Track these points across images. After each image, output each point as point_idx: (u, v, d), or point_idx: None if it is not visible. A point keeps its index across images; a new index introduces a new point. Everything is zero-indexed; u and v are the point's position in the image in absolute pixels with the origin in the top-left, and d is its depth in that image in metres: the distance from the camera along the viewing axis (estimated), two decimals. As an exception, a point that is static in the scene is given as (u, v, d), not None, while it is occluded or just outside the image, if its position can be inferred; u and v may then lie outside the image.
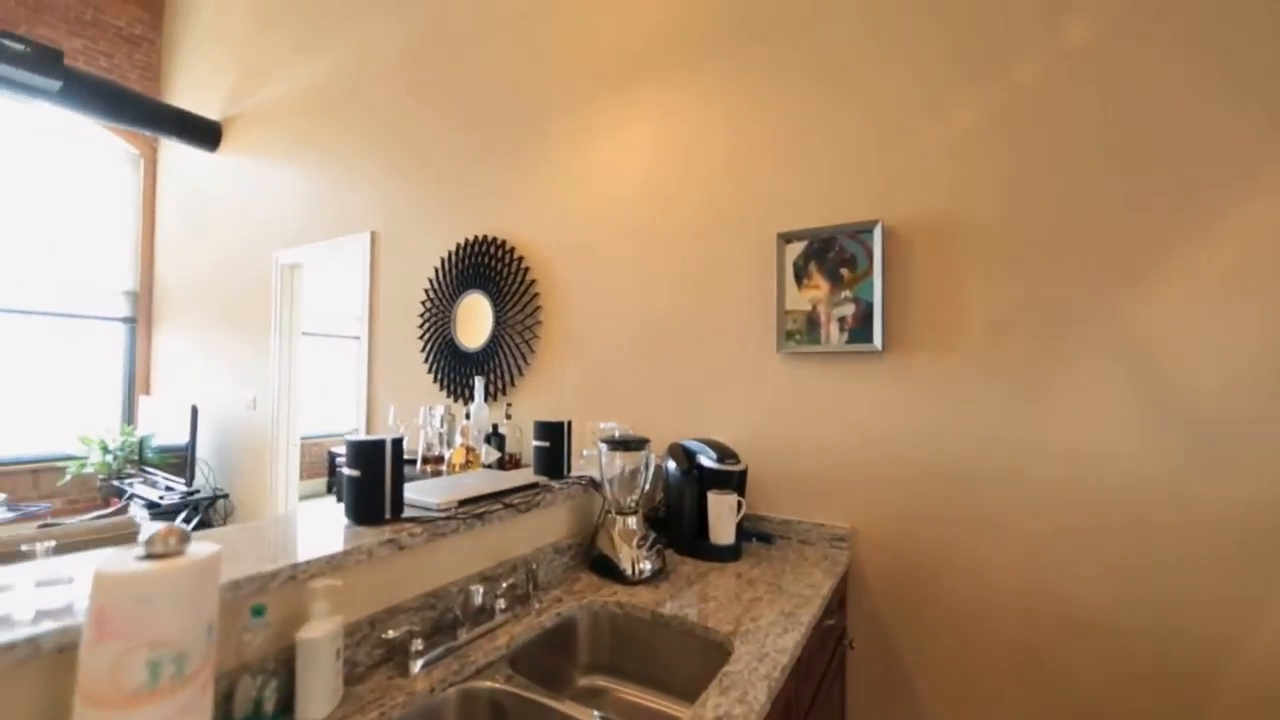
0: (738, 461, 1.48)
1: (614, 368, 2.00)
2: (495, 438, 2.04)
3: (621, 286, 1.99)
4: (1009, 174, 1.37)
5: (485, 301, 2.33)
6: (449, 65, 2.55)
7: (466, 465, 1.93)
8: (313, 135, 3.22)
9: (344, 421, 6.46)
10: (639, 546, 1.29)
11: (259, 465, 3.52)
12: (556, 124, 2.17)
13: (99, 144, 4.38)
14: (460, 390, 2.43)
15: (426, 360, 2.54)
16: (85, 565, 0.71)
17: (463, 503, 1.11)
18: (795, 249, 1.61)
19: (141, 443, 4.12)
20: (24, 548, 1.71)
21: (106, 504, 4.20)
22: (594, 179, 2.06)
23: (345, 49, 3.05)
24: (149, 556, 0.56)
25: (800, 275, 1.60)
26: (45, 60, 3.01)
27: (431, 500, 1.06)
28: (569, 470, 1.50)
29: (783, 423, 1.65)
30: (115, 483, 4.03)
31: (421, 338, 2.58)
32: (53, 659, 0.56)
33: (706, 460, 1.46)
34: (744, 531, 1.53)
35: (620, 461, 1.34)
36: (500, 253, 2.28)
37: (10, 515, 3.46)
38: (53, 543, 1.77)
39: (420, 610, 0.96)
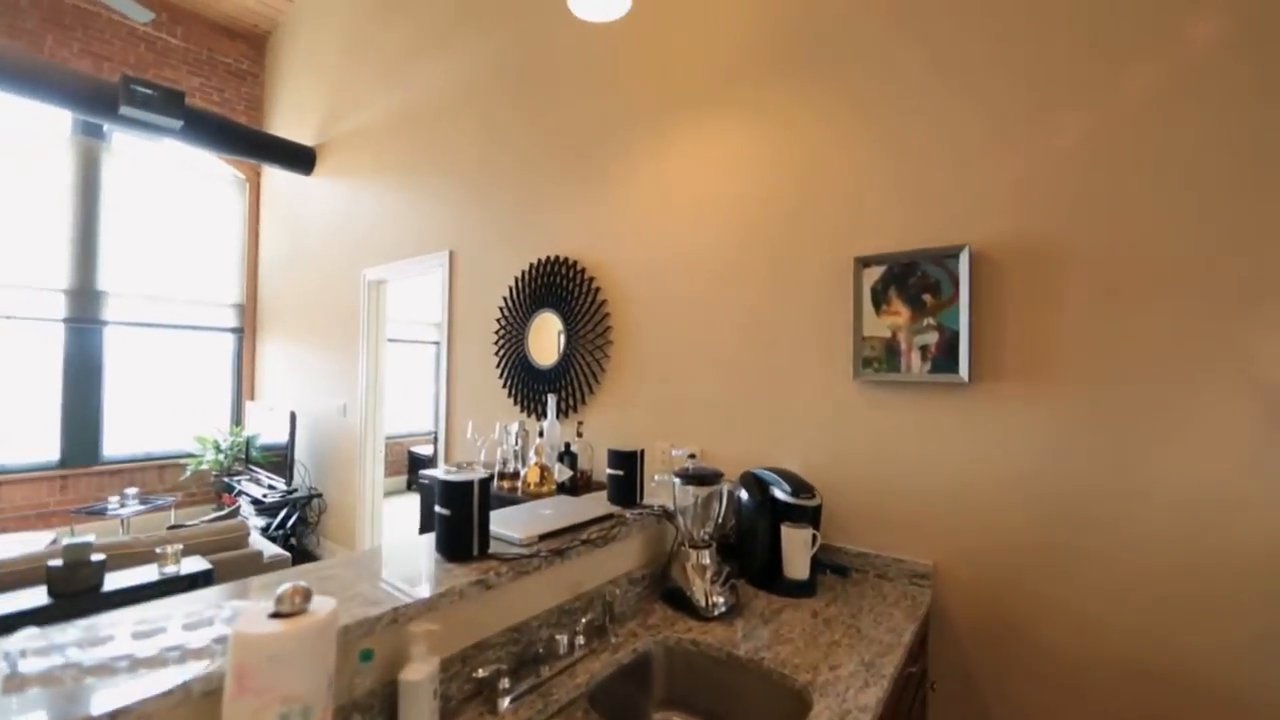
0: (812, 496, 1.44)
1: (684, 388, 2.00)
2: (567, 456, 2.09)
3: (692, 307, 1.98)
4: (1117, 195, 1.25)
5: (557, 320, 2.40)
6: (523, 92, 2.64)
7: (541, 483, 2.00)
8: (396, 159, 3.42)
9: (421, 421, 6.82)
10: (713, 581, 1.29)
11: (349, 466, 3.79)
12: (630, 148, 2.19)
13: (211, 171, 4.86)
14: (533, 405, 2.51)
15: (501, 375, 2.65)
16: (223, 606, 0.79)
17: (543, 536, 1.15)
18: (873, 273, 1.54)
19: (248, 442, 4.55)
20: (159, 550, 1.93)
21: (219, 499, 4.66)
22: (666, 201, 2.07)
23: (425, 79, 3.21)
24: (277, 615, 0.61)
25: (879, 300, 1.53)
26: (171, 102, 3.37)
27: (515, 535, 1.11)
28: (641, 497, 1.51)
29: (859, 451, 1.59)
30: (226, 479, 4.47)
31: (497, 353, 2.68)
32: (199, 703, 0.63)
33: (780, 493, 1.43)
34: (818, 563, 1.49)
35: (693, 494, 1.34)
36: (572, 273, 2.33)
37: (142, 507, 3.91)
38: (180, 545, 1.98)
39: (505, 645, 1.00)
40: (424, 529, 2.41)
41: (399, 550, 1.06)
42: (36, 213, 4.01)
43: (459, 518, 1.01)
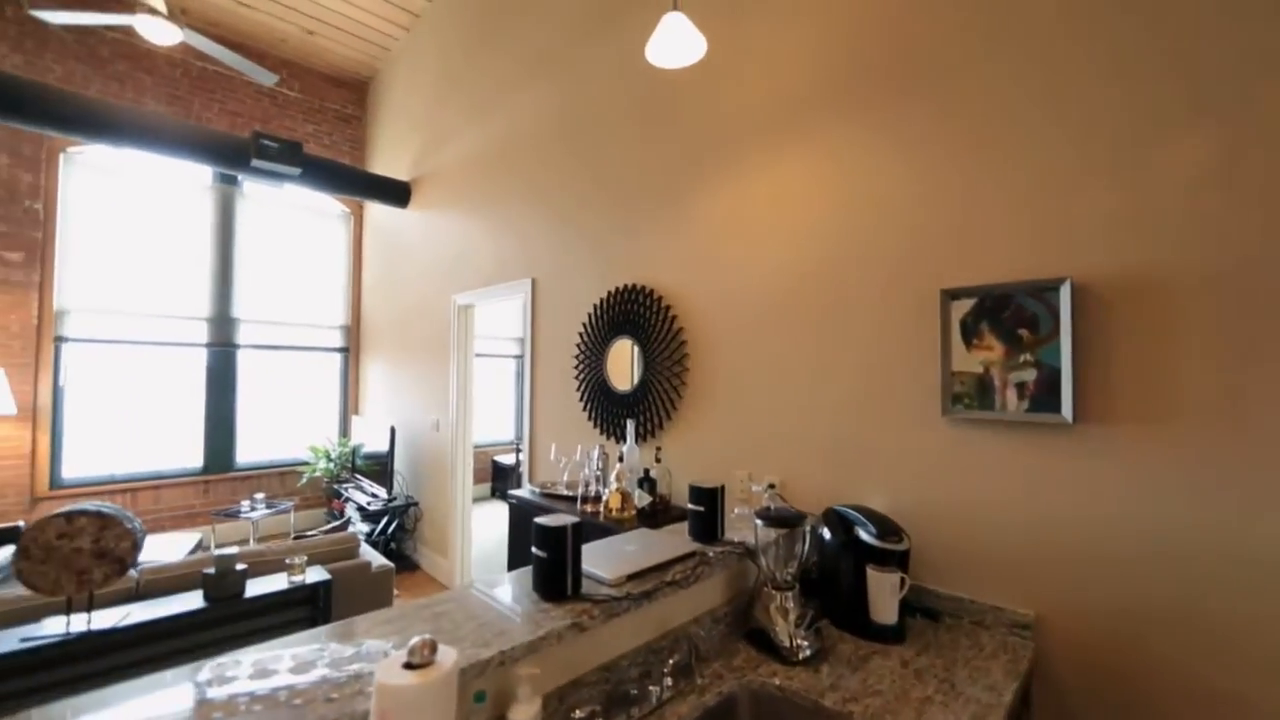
0: (900, 539, 1.40)
1: (762, 417, 1.99)
2: (647, 482, 2.15)
3: (770, 336, 1.98)
4: (1239, 224, 1.13)
5: (635, 347, 2.47)
6: (601, 124, 2.74)
7: (622, 509, 2.07)
8: (482, 192, 3.66)
9: (502, 431, 7.17)
10: (797, 624, 1.29)
11: (441, 476, 4.06)
12: (705, 177, 2.23)
13: (321, 207, 5.39)
14: (611, 428, 2.59)
15: (581, 399, 2.75)
16: (362, 643, 0.91)
17: (630, 576, 1.20)
18: (962, 306, 1.48)
19: (354, 452, 4.99)
20: (288, 561, 2.16)
21: (329, 504, 5.15)
22: (742, 230, 2.08)
23: (506, 116, 3.41)
24: (409, 666, 0.70)
25: (969, 335, 1.47)
26: (291, 152, 3.79)
27: (604, 574, 1.17)
28: (722, 532, 1.53)
29: (949, 490, 1.53)
30: (335, 486, 4.93)
31: (576, 377, 2.79)
32: (349, 735, 0.73)
33: (866, 535, 1.40)
34: (907, 605, 1.45)
35: (775, 535, 1.34)
36: (649, 301, 2.39)
37: (268, 511, 4.39)
38: (305, 558, 2.21)
39: (597, 684, 1.06)
40: (512, 546, 2.55)
41: (500, 587, 1.15)
42: (185, 252, 4.64)
43: (554, 560, 1.08)
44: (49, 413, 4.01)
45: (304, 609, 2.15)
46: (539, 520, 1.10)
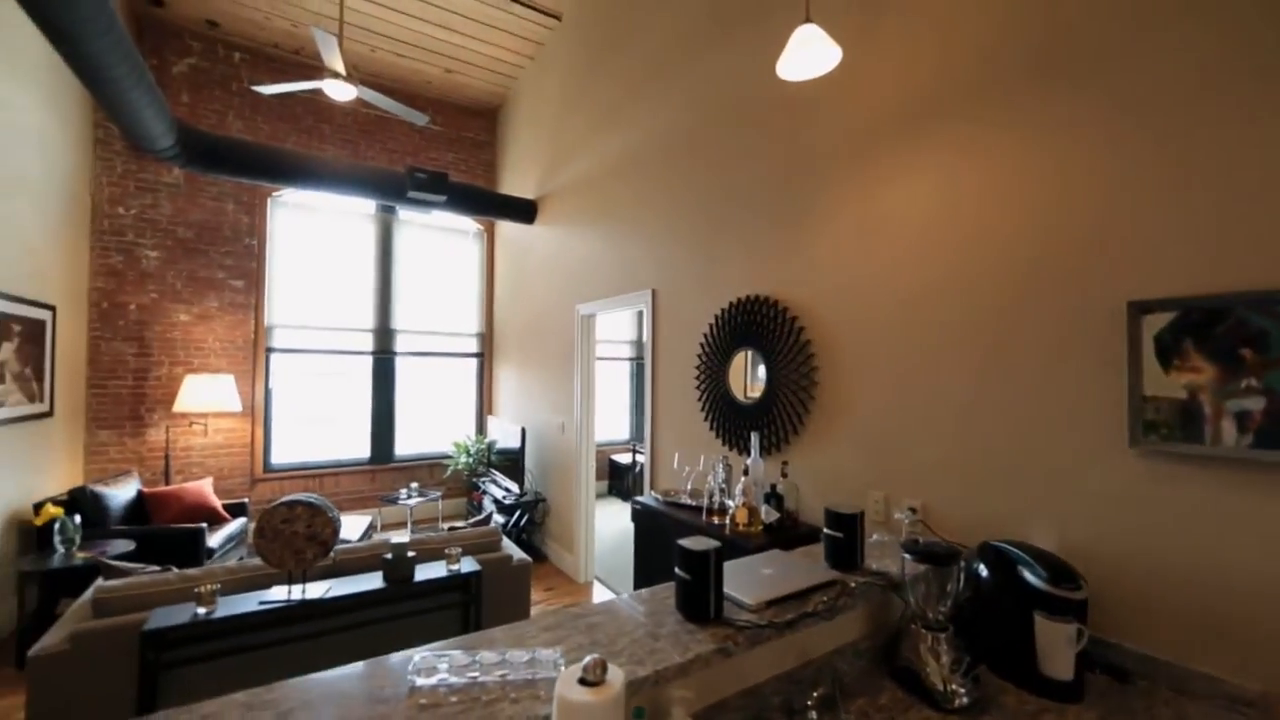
0: (1076, 585, 1.25)
1: (901, 436, 1.88)
2: (774, 498, 2.12)
3: (911, 350, 1.86)
4: None
5: (758, 358, 2.44)
6: (722, 134, 2.75)
7: (749, 523, 2.06)
8: (603, 206, 3.82)
9: (616, 431, 7.42)
10: (953, 670, 1.21)
11: (566, 474, 4.32)
12: (833, 183, 2.15)
13: (460, 226, 5.96)
14: (734, 439, 2.59)
15: (703, 408, 2.78)
16: (534, 650, 1.01)
17: (770, 602, 1.21)
18: (1157, 321, 1.28)
19: (489, 448, 5.47)
20: (447, 551, 2.42)
21: (469, 495, 5.69)
22: (876, 238, 1.98)
23: (626, 133, 3.54)
24: (583, 682, 0.77)
25: (1167, 354, 1.27)
26: (438, 182, 4.24)
27: (745, 599, 1.19)
28: (862, 560, 1.48)
29: (1138, 532, 1.33)
30: (474, 479, 5.43)
31: (698, 387, 2.83)
32: (533, 736, 0.82)
33: (1034, 578, 1.27)
34: (1086, 657, 1.29)
35: (925, 570, 1.27)
36: (773, 312, 2.36)
37: (421, 499, 4.96)
38: (460, 549, 2.46)
39: (741, 709, 1.08)
40: (638, 550, 2.64)
41: (646, 604, 1.21)
42: (355, 272, 5.39)
43: (698, 583, 1.12)
44: (262, 410, 4.89)
45: (458, 594, 2.42)
46: (683, 543, 1.15)
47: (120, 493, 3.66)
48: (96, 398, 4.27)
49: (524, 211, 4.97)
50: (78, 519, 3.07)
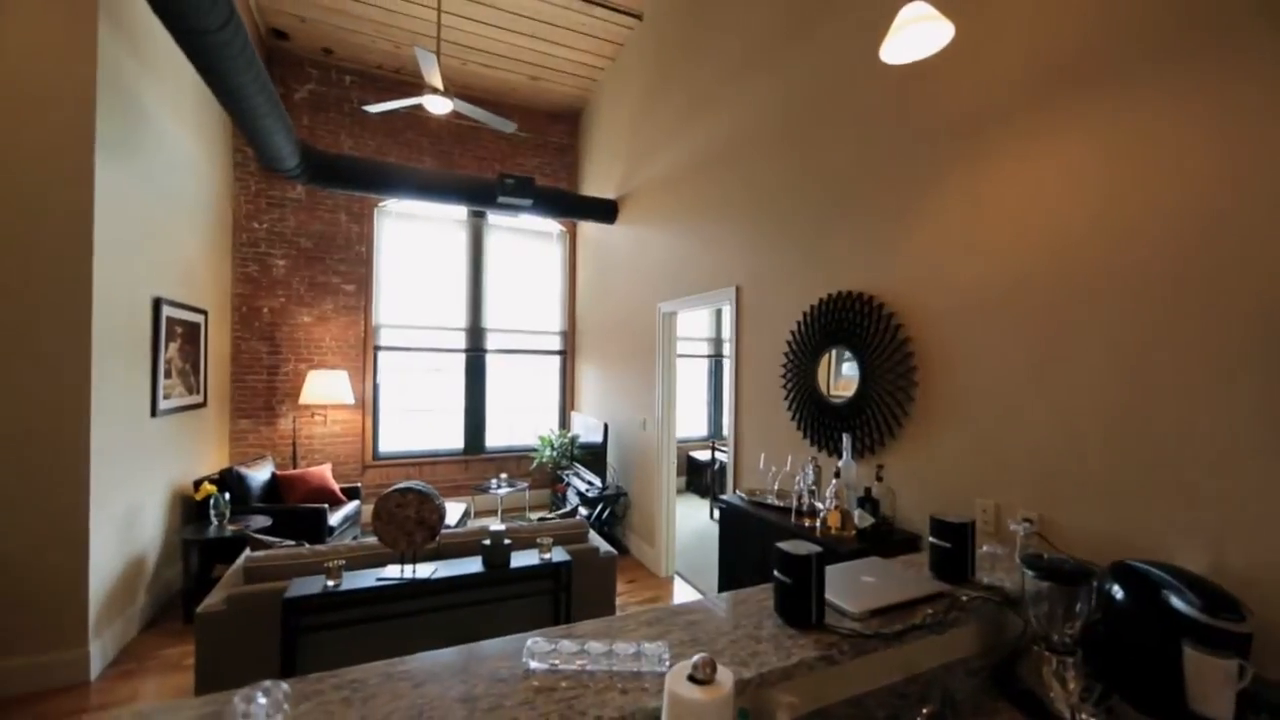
0: (1238, 616, 1.10)
1: (1015, 440, 1.74)
2: (869, 502, 2.04)
3: (1028, 350, 1.71)
4: None
5: (850, 356, 2.35)
6: (813, 124, 2.66)
7: (842, 528, 2.00)
8: (685, 202, 3.82)
9: (693, 427, 7.41)
10: (1083, 699, 1.11)
11: (647, 469, 4.38)
12: (932, 172, 2.02)
13: (544, 228, 6.18)
14: (823, 440, 2.51)
15: (789, 407, 2.72)
16: (640, 643, 1.04)
17: (874, 612, 1.16)
18: (1353, 314, 1.10)
19: (572, 442, 5.65)
20: (539, 541, 2.53)
21: (553, 486, 5.91)
22: (989, 227, 1.84)
23: (708, 127, 3.51)
24: (692, 679, 0.78)
25: (1365, 353, 1.08)
26: (525, 187, 4.42)
27: (847, 606, 1.15)
28: (972, 572, 1.39)
29: (1322, 557, 1.15)
30: (558, 472, 5.64)
31: (784, 385, 2.77)
32: (643, 726, 0.85)
33: (1183, 605, 1.14)
34: (1250, 698, 1.13)
35: (1048, 588, 1.17)
36: (866, 309, 2.25)
37: (509, 489, 5.22)
38: (551, 539, 2.57)
39: (844, 718, 1.06)
40: (723, 548, 2.64)
41: (743, 605, 1.21)
42: (450, 274, 5.75)
43: (799, 587, 1.10)
44: (371, 403, 5.35)
45: (549, 582, 2.53)
46: (782, 546, 1.13)
47: (258, 474, 4.15)
48: (238, 390, 4.86)
49: (605, 211, 5.06)
50: (226, 496, 3.52)
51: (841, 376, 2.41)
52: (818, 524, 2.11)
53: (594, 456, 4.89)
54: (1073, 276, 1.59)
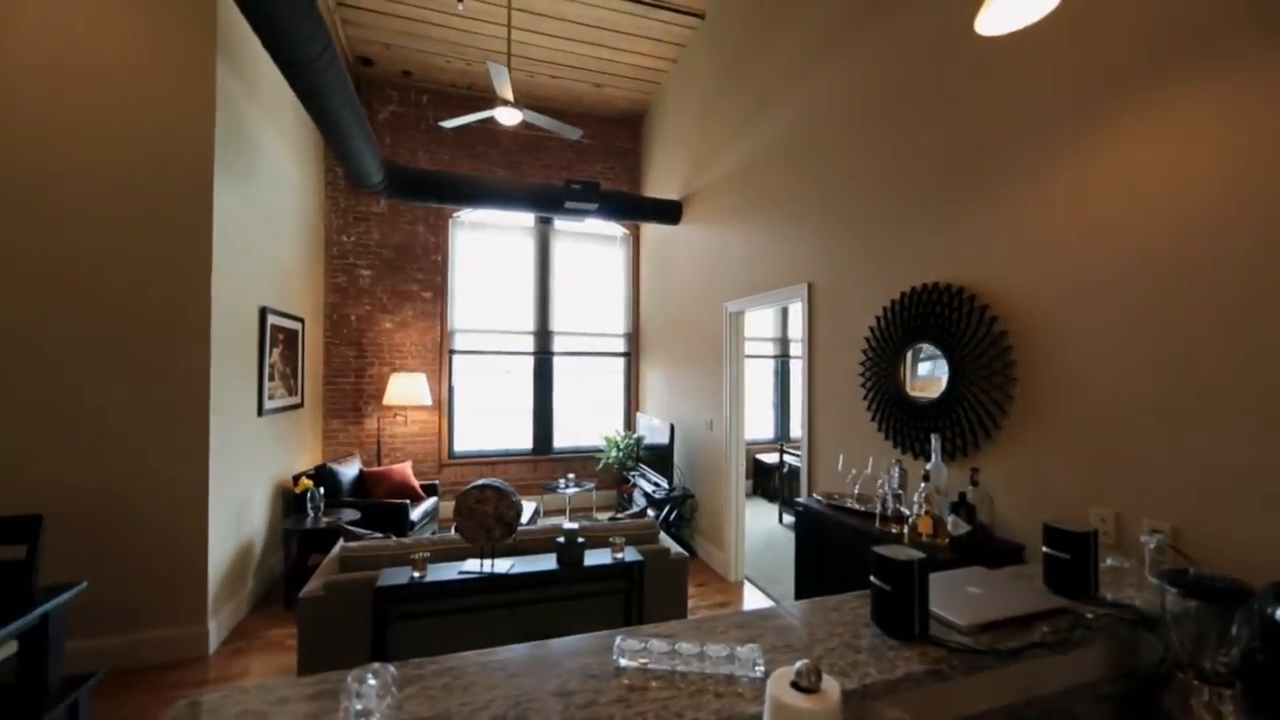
0: None
1: (1145, 443, 1.56)
2: (963, 508, 1.90)
3: (1166, 343, 1.54)
4: None
5: (938, 353, 2.20)
6: (892, 108, 2.53)
7: (934, 535, 1.87)
8: (751, 199, 3.74)
9: (760, 429, 7.23)
10: (1243, 738, 0.96)
11: (715, 471, 4.31)
12: (1038, 154, 1.86)
13: (608, 231, 6.26)
14: (907, 442, 2.37)
15: (869, 407, 2.59)
16: (734, 646, 1.01)
17: (985, 625, 1.07)
18: None
19: (637, 443, 5.67)
20: (611, 540, 2.53)
21: (619, 487, 5.94)
22: (1106, 205, 1.67)
23: (778, 120, 3.41)
24: (795, 686, 0.74)
25: None
26: (591, 190, 4.49)
27: (955, 619, 1.07)
28: (1096, 587, 1.25)
29: None
30: (625, 473, 5.66)
31: (863, 384, 2.64)
32: (740, 732, 0.82)
33: (1373, 635, 0.97)
34: None
35: (1195, 608, 1.03)
36: (956, 301, 2.11)
37: (577, 489, 5.29)
38: (624, 538, 2.56)
39: (957, 740, 0.97)
40: (800, 552, 2.54)
41: (835, 612, 1.15)
42: (519, 280, 5.93)
43: (899, 596, 1.03)
44: (446, 404, 5.60)
45: (621, 582, 2.53)
46: (880, 550, 1.06)
47: (348, 470, 4.44)
48: (329, 392, 5.23)
49: (669, 213, 5.05)
50: (321, 490, 3.78)
51: (926, 375, 2.26)
52: (905, 530, 1.98)
53: (659, 458, 4.87)
54: (1220, 263, 1.40)
